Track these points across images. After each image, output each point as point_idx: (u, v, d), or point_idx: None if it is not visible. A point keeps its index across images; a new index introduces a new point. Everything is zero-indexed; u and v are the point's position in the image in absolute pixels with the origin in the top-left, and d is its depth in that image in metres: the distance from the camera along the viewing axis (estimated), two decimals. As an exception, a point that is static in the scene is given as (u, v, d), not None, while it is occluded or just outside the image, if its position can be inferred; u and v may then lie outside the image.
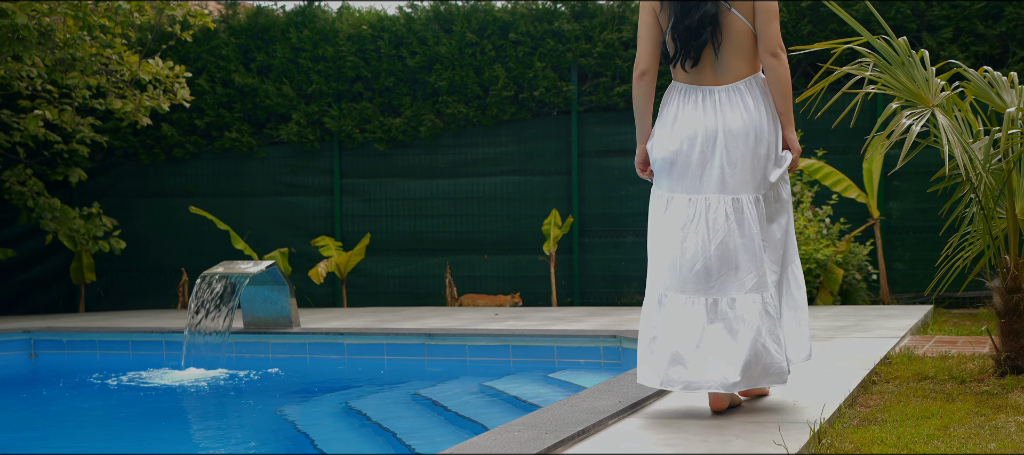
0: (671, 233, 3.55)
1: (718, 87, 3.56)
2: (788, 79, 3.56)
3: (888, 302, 8.75)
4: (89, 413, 5.45)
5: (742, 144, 3.50)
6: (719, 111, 3.53)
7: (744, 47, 3.55)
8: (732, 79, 3.55)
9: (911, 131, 4.12)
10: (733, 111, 3.52)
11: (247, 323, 7.05)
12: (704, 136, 3.51)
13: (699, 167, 3.52)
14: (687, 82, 3.60)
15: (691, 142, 3.53)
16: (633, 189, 9.69)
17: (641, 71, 3.62)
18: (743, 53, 3.55)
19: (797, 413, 3.54)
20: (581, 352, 6.11)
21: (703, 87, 3.58)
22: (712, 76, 3.57)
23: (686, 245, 3.51)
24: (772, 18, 3.51)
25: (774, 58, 3.52)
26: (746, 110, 3.52)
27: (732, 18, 3.53)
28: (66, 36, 8.53)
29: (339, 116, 10.23)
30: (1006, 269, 4.33)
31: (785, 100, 3.58)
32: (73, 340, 7.41)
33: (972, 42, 8.86)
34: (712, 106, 3.54)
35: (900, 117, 4.21)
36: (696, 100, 3.57)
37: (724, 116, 3.52)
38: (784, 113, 3.59)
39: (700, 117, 3.54)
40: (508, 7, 9.95)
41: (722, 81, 3.56)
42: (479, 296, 9.64)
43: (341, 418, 4.96)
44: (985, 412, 3.66)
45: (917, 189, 8.88)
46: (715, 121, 3.52)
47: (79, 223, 9.58)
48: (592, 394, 3.88)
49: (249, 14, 10.56)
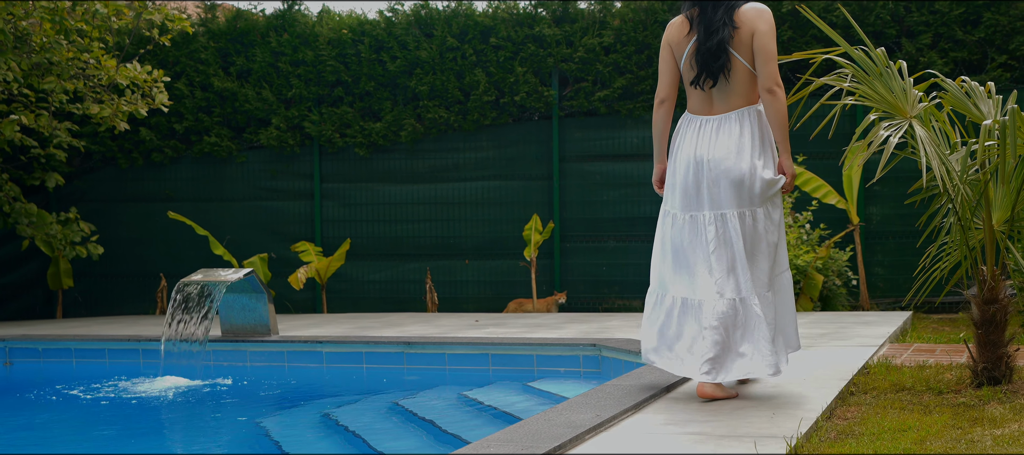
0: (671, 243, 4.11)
1: (713, 117, 4.04)
2: (784, 112, 3.96)
3: (868, 308, 8.77)
4: (64, 424, 5.39)
5: (722, 165, 3.96)
6: (707, 138, 4.00)
7: (743, 84, 4.01)
8: (727, 110, 4.02)
9: (889, 142, 4.12)
10: (718, 137, 3.98)
11: (225, 331, 7.00)
12: (695, 161, 4.02)
13: (694, 188, 4.02)
14: (693, 112, 4.10)
15: (686, 166, 4.04)
16: (614, 194, 9.69)
17: (660, 100, 4.16)
18: (741, 90, 4.01)
19: (775, 426, 3.53)
20: (561, 361, 6.09)
21: (701, 117, 4.07)
22: (710, 107, 4.06)
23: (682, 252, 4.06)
24: (769, 60, 3.94)
25: (770, 94, 3.96)
26: (730, 135, 3.98)
27: (733, 60, 3.98)
28: (43, 40, 8.45)
29: (319, 121, 10.19)
30: (983, 280, 4.33)
31: (782, 131, 3.99)
32: (49, 348, 7.34)
33: (951, 48, 8.89)
34: (704, 134, 4.02)
35: (878, 128, 4.21)
36: (695, 128, 4.07)
37: (710, 142, 3.99)
38: (781, 143, 4.02)
39: (693, 144, 4.03)
40: (489, 12, 9.93)
41: (717, 112, 4.04)
42: (526, 300, 9.49)
43: (318, 429, 4.93)
44: (962, 425, 3.66)
45: (897, 194, 8.91)
46: (703, 147, 4.00)
47: (56, 228, 9.50)
48: (569, 407, 3.86)
49: (228, 18, 10.50)
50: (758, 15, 3.98)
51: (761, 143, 3.99)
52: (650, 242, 9.98)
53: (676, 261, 4.10)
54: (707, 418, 3.74)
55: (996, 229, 4.32)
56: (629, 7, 9.62)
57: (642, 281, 9.71)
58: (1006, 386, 4.24)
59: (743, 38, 3.95)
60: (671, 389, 4.32)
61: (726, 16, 3.96)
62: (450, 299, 9.96)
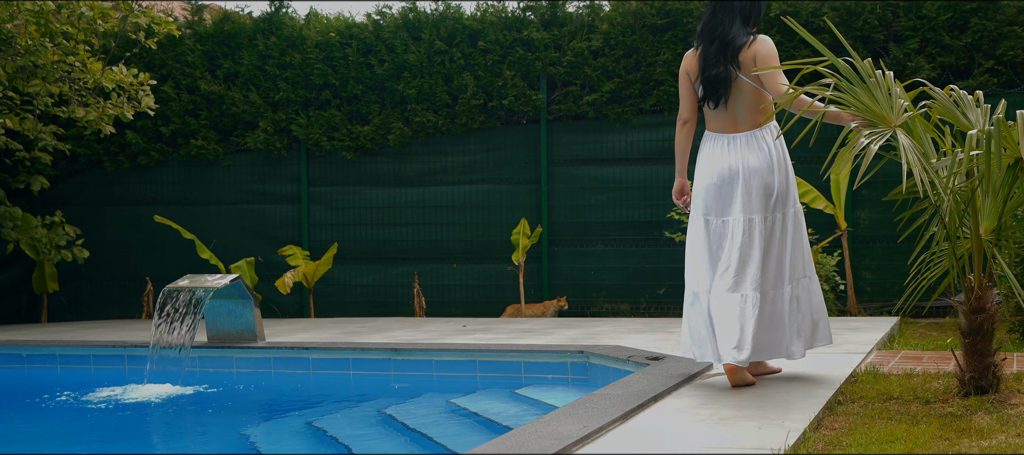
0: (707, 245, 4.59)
1: (739, 134, 4.62)
2: (800, 105, 4.52)
3: (855, 313, 8.78)
4: (48, 431, 5.35)
5: (757, 176, 4.55)
6: (740, 152, 4.58)
7: (755, 102, 4.61)
8: (749, 128, 4.62)
9: (869, 150, 4.11)
10: (750, 152, 4.58)
11: (211, 337, 6.96)
12: (730, 171, 4.57)
13: (728, 195, 4.57)
14: (716, 131, 4.68)
15: (721, 176, 4.59)
16: (602, 198, 9.68)
17: (683, 120, 4.73)
18: (755, 107, 4.62)
19: (763, 437, 3.52)
20: (548, 368, 6.07)
21: (727, 134, 4.65)
22: (734, 126, 4.64)
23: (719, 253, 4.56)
24: (773, 75, 4.52)
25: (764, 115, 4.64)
26: (761, 151, 4.58)
27: (742, 83, 4.59)
28: (28, 43, 8.40)
29: (307, 124, 10.15)
30: (970, 289, 4.33)
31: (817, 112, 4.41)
32: (33, 354, 7.29)
33: (938, 53, 8.90)
34: (736, 148, 4.60)
35: (858, 136, 4.21)
36: (723, 144, 4.63)
37: (744, 156, 4.58)
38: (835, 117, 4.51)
39: (726, 157, 4.60)
40: (477, 15, 9.90)
41: (741, 129, 4.63)
42: (529, 305, 9.43)
43: (304, 438, 4.89)
44: (949, 436, 3.65)
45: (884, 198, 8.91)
46: (738, 160, 4.58)
47: (41, 232, 9.44)
48: (557, 418, 3.84)
49: (215, 20, 10.45)
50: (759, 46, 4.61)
51: (782, 158, 4.63)
52: (638, 246, 10.02)
53: (711, 261, 4.58)
54: (695, 428, 3.73)
55: (983, 238, 4.32)
56: (618, 11, 9.61)
57: (630, 285, 9.71)
58: (993, 396, 4.24)
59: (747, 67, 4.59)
60: (659, 398, 4.30)
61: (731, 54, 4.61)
62: (438, 303, 9.93)
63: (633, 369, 5.28)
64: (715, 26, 4.60)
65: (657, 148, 9.55)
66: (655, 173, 9.51)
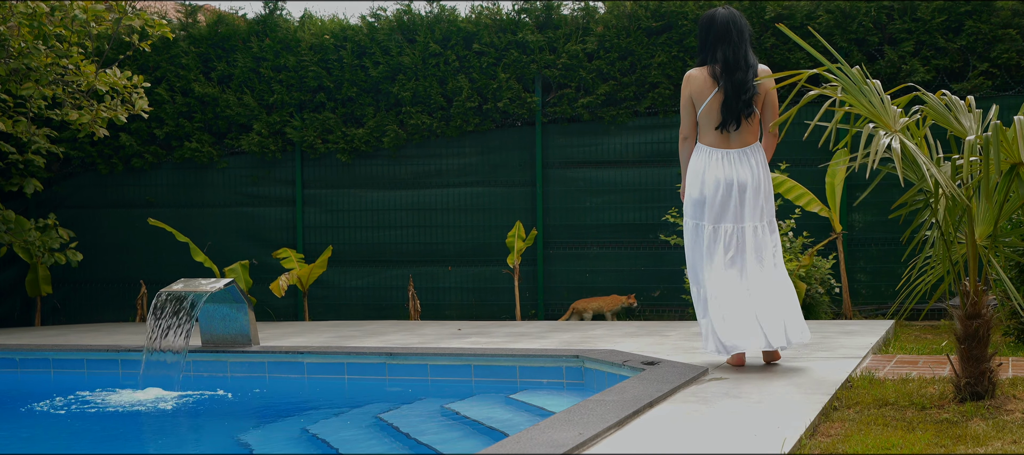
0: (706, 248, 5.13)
1: (733, 149, 5.16)
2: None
3: (850, 316, 8.78)
4: (42, 435, 5.32)
5: (750, 189, 5.11)
6: (735, 166, 5.12)
7: (753, 127, 5.22)
8: (741, 145, 5.17)
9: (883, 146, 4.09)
10: (743, 167, 5.13)
11: (205, 341, 6.94)
12: (726, 183, 5.10)
13: (722, 205, 5.10)
14: (711, 145, 5.17)
15: (716, 187, 5.11)
16: (597, 201, 9.67)
17: (684, 137, 5.27)
18: (751, 130, 5.21)
19: (759, 444, 3.51)
20: (544, 372, 6.06)
21: (721, 149, 5.16)
22: (727, 143, 5.17)
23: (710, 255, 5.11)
24: (775, 109, 5.24)
25: (774, 138, 5.30)
26: (751, 166, 5.14)
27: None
28: (21, 45, 8.37)
29: (301, 126, 10.13)
30: (966, 294, 4.33)
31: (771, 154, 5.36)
32: (26, 358, 7.26)
33: (933, 55, 8.91)
34: (731, 163, 5.13)
35: (877, 135, 4.19)
36: (718, 158, 5.15)
37: (738, 170, 5.12)
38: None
39: (722, 170, 5.12)
40: (472, 17, 9.89)
41: (734, 146, 5.17)
42: (592, 299, 9.36)
43: (298, 444, 4.88)
44: (945, 443, 3.65)
45: (880, 201, 8.91)
46: (733, 173, 5.11)
47: (34, 235, 9.41)
48: (551, 425, 3.82)
49: (210, 23, 10.42)
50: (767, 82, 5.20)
51: (767, 173, 5.21)
52: (632, 248, 10.00)
53: (709, 262, 5.09)
54: (691, 435, 3.72)
55: (979, 244, 4.32)
56: (612, 13, 9.60)
57: (624, 288, 9.70)
58: (989, 401, 4.23)
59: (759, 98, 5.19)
60: (654, 404, 4.29)
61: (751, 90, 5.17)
62: (433, 306, 9.92)
63: (629, 374, 5.27)
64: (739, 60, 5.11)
65: (652, 150, 9.55)
66: (650, 176, 9.51)
